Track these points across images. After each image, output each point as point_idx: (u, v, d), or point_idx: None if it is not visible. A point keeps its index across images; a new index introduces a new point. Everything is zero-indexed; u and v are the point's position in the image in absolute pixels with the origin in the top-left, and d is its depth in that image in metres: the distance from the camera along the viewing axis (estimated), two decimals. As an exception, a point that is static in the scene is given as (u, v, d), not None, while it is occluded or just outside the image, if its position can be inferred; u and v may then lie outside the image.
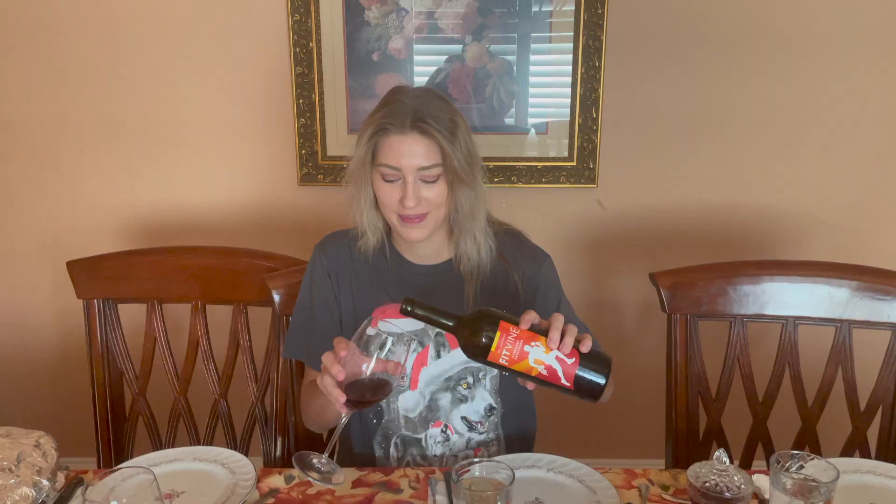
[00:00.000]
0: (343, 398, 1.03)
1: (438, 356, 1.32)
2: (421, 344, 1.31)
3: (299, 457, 1.07)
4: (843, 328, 1.46)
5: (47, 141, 2.12)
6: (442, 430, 1.34)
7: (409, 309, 1.04)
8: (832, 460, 1.04)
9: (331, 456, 1.08)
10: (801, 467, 1.03)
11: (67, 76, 2.07)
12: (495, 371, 1.34)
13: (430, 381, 1.32)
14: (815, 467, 1.02)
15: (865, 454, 1.47)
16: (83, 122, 2.11)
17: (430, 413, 1.33)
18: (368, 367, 1.03)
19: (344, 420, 1.08)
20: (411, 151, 1.19)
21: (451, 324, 1.05)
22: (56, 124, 2.11)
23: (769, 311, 1.48)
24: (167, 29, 2.03)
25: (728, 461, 1.06)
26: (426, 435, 1.34)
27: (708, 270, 1.49)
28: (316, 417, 1.30)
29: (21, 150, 2.13)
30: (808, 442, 1.50)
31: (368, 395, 1.05)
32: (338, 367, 1.02)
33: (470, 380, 1.33)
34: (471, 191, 1.24)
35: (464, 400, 1.34)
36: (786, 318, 1.48)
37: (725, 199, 2.13)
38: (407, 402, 1.33)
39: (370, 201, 1.27)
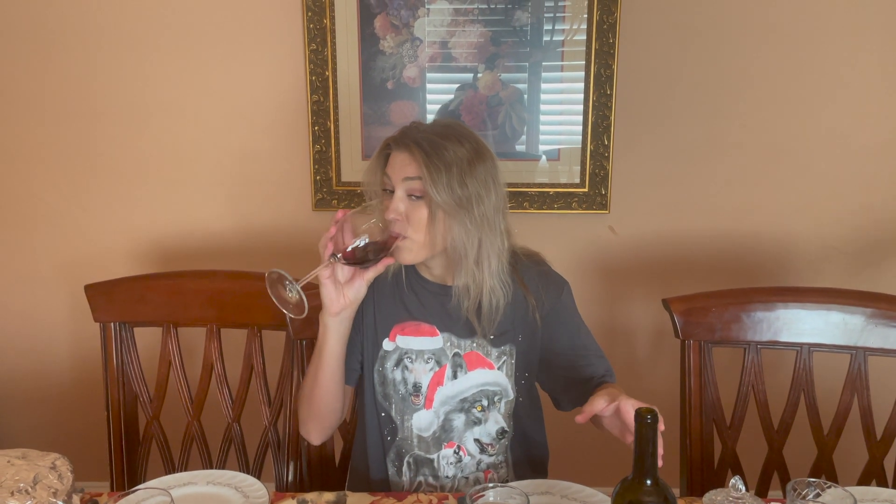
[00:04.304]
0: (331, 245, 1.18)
1: (455, 377, 1.32)
2: (438, 363, 1.32)
3: (275, 277, 1.16)
4: (859, 355, 1.45)
5: (65, 166, 2.16)
6: (455, 452, 1.34)
7: None
8: (849, 488, 1.03)
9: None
10: (818, 495, 1.02)
11: (85, 103, 2.11)
12: (511, 396, 1.34)
13: (444, 401, 1.32)
14: (833, 495, 1.01)
15: (882, 484, 1.45)
16: (101, 148, 2.14)
17: (444, 433, 1.33)
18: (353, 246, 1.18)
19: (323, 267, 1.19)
20: (401, 162, 1.23)
21: None
22: (74, 150, 2.15)
23: (783, 338, 1.47)
24: (185, 57, 2.08)
25: (744, 489, 1.05)
26: (438, 456, 1.34)
27: (721, 296, 1.49)
28: (311, 387, 1.29)
29: (39, 174, 2.17)
30: (825, 471, 1.48)
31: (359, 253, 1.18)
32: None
33: (485, 402, 1.33)
34: (463, 229, 1.22)
35: (477, 422, 1.33)
36: (800, 345, 1.47)
37: (738, 225, 2.13)
38: (421, 422, 1.33)
39: None
